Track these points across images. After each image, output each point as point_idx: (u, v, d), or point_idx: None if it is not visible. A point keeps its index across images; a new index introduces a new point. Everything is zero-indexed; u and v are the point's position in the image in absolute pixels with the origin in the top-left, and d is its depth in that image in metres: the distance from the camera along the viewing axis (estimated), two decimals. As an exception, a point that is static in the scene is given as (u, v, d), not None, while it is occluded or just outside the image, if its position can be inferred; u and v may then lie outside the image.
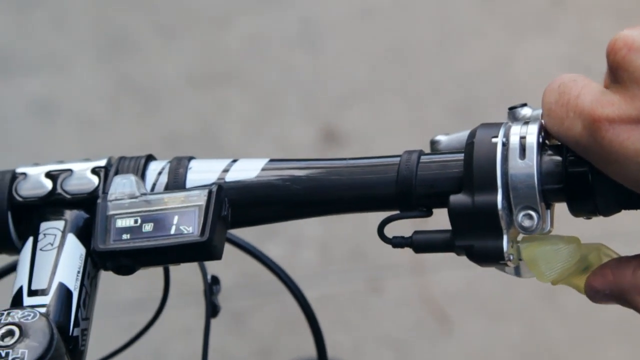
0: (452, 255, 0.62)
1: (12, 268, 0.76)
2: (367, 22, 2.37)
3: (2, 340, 0.59)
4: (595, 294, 0.60)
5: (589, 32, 2.29)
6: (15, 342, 0.58)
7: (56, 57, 2.43)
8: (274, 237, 2.03)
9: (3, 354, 0.58)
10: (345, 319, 1.96)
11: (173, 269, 0.81)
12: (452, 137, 0.65)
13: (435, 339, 1.92)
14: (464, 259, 0.61)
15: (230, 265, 1.99)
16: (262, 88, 2.30)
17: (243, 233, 0.80)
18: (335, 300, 1.97)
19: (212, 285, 0.80)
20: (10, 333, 0.59)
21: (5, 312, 0.60)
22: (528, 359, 1.89)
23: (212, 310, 0.79)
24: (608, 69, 0.56)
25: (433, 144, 0.66)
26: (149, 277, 0.84)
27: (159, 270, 0.83)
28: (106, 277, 0.71)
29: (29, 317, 0.60)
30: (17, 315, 0.60)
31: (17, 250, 0.69)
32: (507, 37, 2.27)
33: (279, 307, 1.94)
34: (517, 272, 0.62)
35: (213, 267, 2.28)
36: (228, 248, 0.84)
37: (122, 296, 1.94)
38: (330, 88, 2.27)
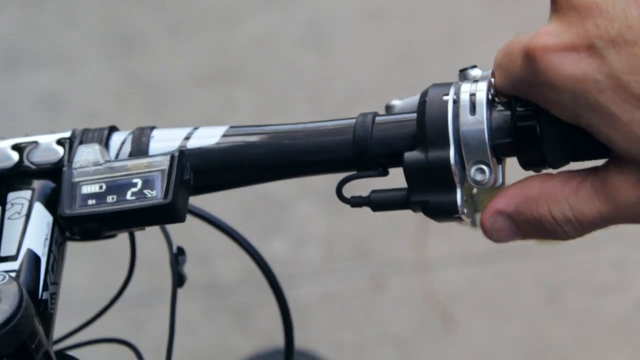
0: (455, 253, 0.62)
1: None
2: (375, 23, 2.38)
3: None
4: (496, 220, 0.59)
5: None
6: None
7: (65, 53, 2.44)
8: (279, 234, 2.05)
9: None
10: (348, 316, 1.97)
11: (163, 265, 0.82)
12: (406, 100, 0.67)
13: (438, 336, 1.92)
14: (468, 258, 0.62)
15: (232, 261, 2.01)
16: (269, 87, 2.31)
17: (248, 227, 0.81)
18: (339, 297, 1.98)
19: (177, 256, 0.80)
20: None
21: None
22: (530, 358, 1.89)
23: (179, 280, 0.80)
24: (551, 3, 0.56)
25: (388, 108, 0.68)
26: (151, 273, 0.85)
27: (159, 267, 0.84)
28: (107, 277, 0.71)
29: None
30: None
31: None
32: (514, 39, 2.28)
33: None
34: (474, 223, 0.63)
35: (216, 262, 2.29)
36: (228, 248, 0.85)
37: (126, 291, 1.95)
38: (336, 88, 2.28)
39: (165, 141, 0.69)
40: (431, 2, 2.38)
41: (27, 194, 0.69)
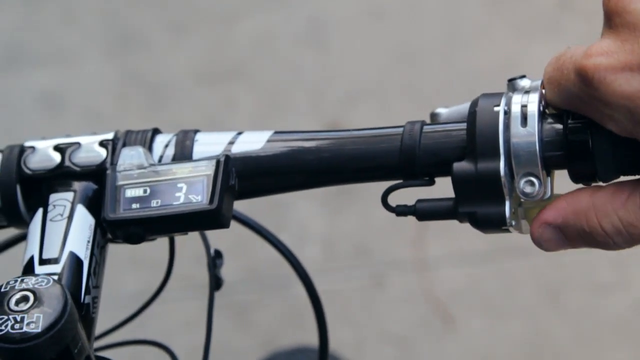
0: (455, 253, 0.62)
1: (18, 239, 0.77)
2: (375, 22, 2.38)
3: (17, 305, 0.59)
4: (544, 231, 0.59)
5: (596, 34, 2.29)
6: (30, 307, 0.58)
7: (65, 52, 2.44)
8: (279, 233, 2.04)
9: (18, 319, 0.58)
10: (348, 315, 1.97)
11: (176, 263, 0.82)
12: (452, 109, 0.66)
13: (438, 335, 1.92)
14: (467, 257, 0.62)
15: (233, 260, 2.01)
16: (269, 85, 2.31)
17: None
18: (339, 296, 1.98)
19: (215, 259, 0.80)
20: (25, 299, 0.59)
21: (19, 279, 0.60)
22: (530, 357, 1.89)
23: (216, 283, 0.80)
24: (604, 19, 0.57)
25: (433, 116, 0.67)
26: (151, 272, 0.85)
27: (159, 266, 0.84)
28: (108, 272, 0.71)
29: (43, 283, 0.60)
30: (30, 281, 0.60)
31: (25, 224, 0.70)
32: (515, 39, 2.28)
33: (281, 302, 1.96)
34: (522, 230, 0.63)
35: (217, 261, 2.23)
36: (229, 247, 0.85)
37: (126, 289, 1.95)
38: (337, 86, 2.28)
39: (210, 145, 0.68)
40: (431, 2, 2.38)
41: (69, 195, 0.68)
